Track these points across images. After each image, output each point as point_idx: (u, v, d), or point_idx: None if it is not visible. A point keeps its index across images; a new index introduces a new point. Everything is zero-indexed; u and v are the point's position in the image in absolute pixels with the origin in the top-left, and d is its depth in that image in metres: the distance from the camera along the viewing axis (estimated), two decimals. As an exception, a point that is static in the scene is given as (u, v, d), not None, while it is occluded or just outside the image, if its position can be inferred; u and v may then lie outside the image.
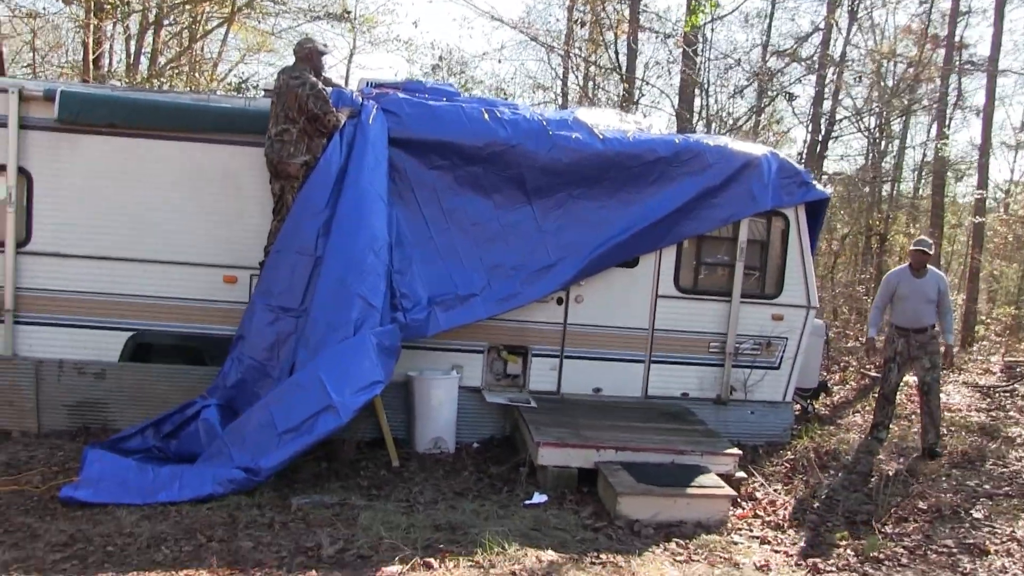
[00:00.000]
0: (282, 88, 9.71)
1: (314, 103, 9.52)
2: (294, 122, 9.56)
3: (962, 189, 29.88)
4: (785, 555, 7.92)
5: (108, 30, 21.25)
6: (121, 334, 10.12)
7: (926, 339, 11.17)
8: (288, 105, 9.58)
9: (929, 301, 11.07)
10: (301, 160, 9.54)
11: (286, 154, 9.51)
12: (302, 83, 9.59)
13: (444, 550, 6.98)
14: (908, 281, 11.16)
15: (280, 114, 9.63)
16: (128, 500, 7.82)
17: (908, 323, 11.16)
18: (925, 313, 11.13)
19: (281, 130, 9.57)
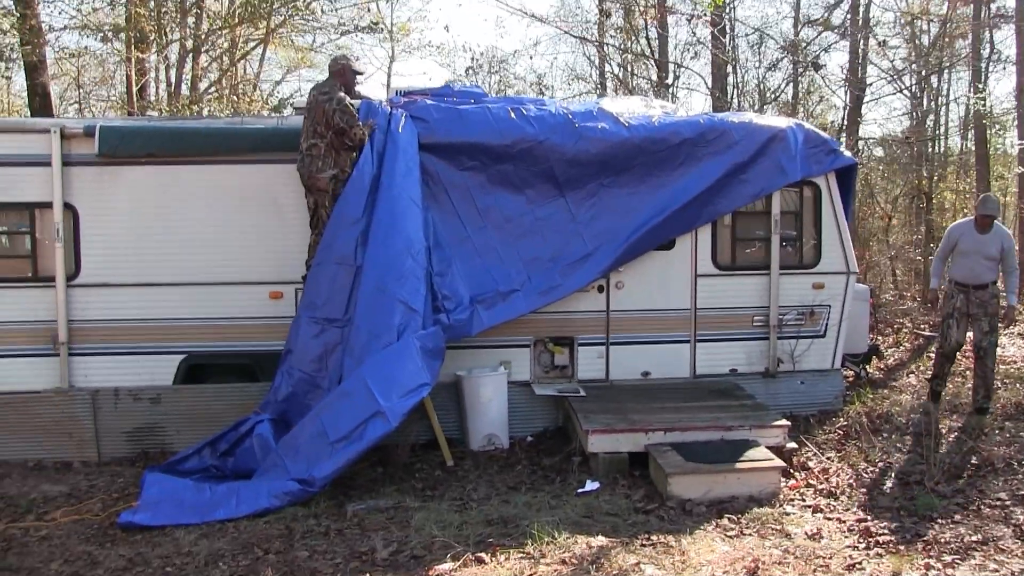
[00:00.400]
0: (312, 103, 9.88)
1: (340, 117, 9.66)
2: (322, 136, 9.71)
3: (1011, 141, 29.49)
4: (838, 521, 7.95)
5: (151, 61, 21.58)
6: (174, 357, 10.37)
7: (987, 297, 10.72)
8: (317, 120, 9.74)
9: (990, 258, 10.63)
10: (330, 174, 9.69)
11: (315, 168, 9.67)
12: (329, 98, 9.74)
13: (495, 544, 7.13)
14: (971, 236, 10.71)
15: (310, 129, 9.80)
16: (186, 520, 8.02)
17: (967, 279, 10.73)
18: (985, 270, 10.69)
19: (310, 145, 9.73)
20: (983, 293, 10.69)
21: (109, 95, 24.80)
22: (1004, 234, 10.72)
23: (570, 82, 28.08)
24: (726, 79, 22.21)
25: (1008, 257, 10.66)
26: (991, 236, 10.59)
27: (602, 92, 25.08)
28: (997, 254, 10.60)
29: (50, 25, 18.90)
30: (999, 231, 10.70)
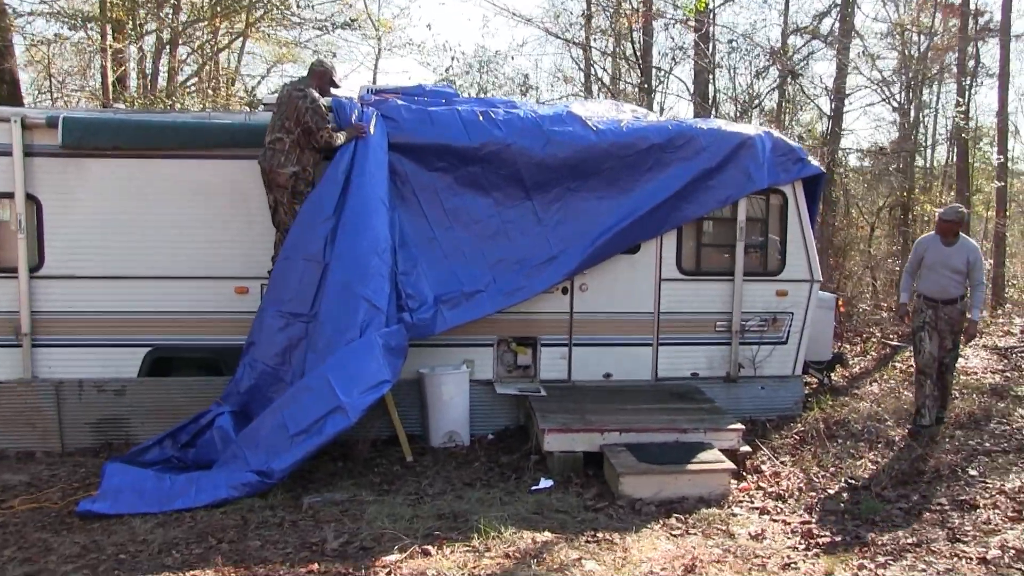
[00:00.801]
0: (284, 98, 9.97)
1: (311, 117, 9.75)
2: (289, 132, 9.79)
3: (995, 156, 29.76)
4: (783, 523, 8.11)
5: (129, 51, 21.60)
6: (138, 350, 10.45)
7: (955, 314, 10.52)
8: (287, 115, 9.82)
9: (956, 271, 10.42)
10: (291, 170, 9.77)
11: (276, 163, 9.75)
12: (304, 96, 9.83)
13: (442, 537, 7.25)
14: (936, 249, 10.55)
15: (277, 123, 9.88)
16: (145, 509, 8.10)
17: (935, 294, 10.57)
18: (952, 284, 10.46)
19: (275, 139, 9.82)
20: (951, 309, 10.51)
21: (85, 86, 24.77)
22: (970, 247, 10.51)
23: (556, 84, 28.31)
24: (707, 85, 22.33)
25: (974, 271, 10.44)
26: (956, 249, 10.44)
27: (588, 95, 25.18)
28: (963, 267, 10.41)
29: (14, 9, 18.85)
30: (965, 244, 10.51)
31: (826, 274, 18.54)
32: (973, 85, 26.11)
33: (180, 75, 23.31)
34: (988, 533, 7.58)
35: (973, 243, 10.66)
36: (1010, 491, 8.56)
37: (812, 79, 24.21)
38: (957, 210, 10.67)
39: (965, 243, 10.52)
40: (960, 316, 10.54)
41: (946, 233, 10.49)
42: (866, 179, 26.10)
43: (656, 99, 23.98)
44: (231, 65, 27.13)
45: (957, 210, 10.67)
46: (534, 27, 25.23)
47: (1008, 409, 11.28)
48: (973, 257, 10.40)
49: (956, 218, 10.49)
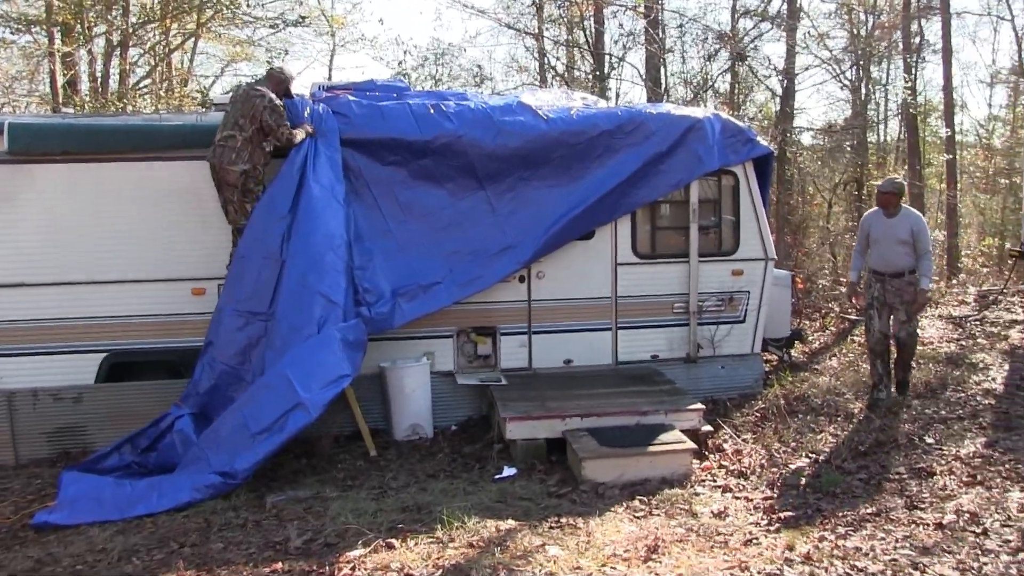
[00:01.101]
0: (242, 96, 9.93)
1: (269, 115, 9.71)
2: (242, 129, 9.72)
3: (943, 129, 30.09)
4: (745, 500, 8.19)
5: (79, 55, 21.42)
6: (95, 356, 10.35)
7: (902, 285, 10.51)
8: (242, 113, 9.75)
9: (901, 243, 10.43)
10: (241, 168, 9.69)
11: (227, 160, 9.68)
12: (261, 95, 9.80)
13: (406, 530, 7.26)
14: (880, 222, 10.66)
15: (230, 120, 9.81)
16: (105, 517, 8.01)
17: (882, 267, 10.66)
18: (898, 256, 10.49)
19: (227, 136, 9.75)
20: (899, 281, 10.52)
21: (33, 90, 24.55)
22: (913, 216, 10.56)
23: (511, 74, 28.38)
24: (659, 70, 22.42)
25: (919, 240, 10.40)
26: (899, 219, 10.48)
27: (543, 84, 25.23)
28: (908, 237, 10.39)
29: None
30: (907, 214, 10.58)
31: (784, 252, 18.74)
32: (919, 61, 26.41)
33: (132, 77, 23.14)
34: (944, 499, 7.69)
35: (916, 213, 10.75)
36: (965, 456, 8.70)
37: (762, 61, 24.27)
38: (893, 181, 10.83)
39: (908, 213, 10.59)
40: (909, 288, 10.50)
41: (886, 205, 10.59)
42: (820, 156, 26.28)
43: (610, 86, 24.05)
44: (184, 66, 26.93)
45: (893, 181, 10.83)
46: (487, 18, 25.28)
47: (963, 377, 11.40)
48: (916, 226, 10.42)
49: (892, 189, 10.62)
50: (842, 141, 25.41)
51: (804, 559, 6.47)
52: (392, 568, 6.44)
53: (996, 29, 45.03)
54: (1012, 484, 7.90)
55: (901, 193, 10.79)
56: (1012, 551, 6.47)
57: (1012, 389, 10.87)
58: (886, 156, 27.94)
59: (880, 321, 10.77)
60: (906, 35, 25.36)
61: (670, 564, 6.48)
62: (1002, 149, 32.24)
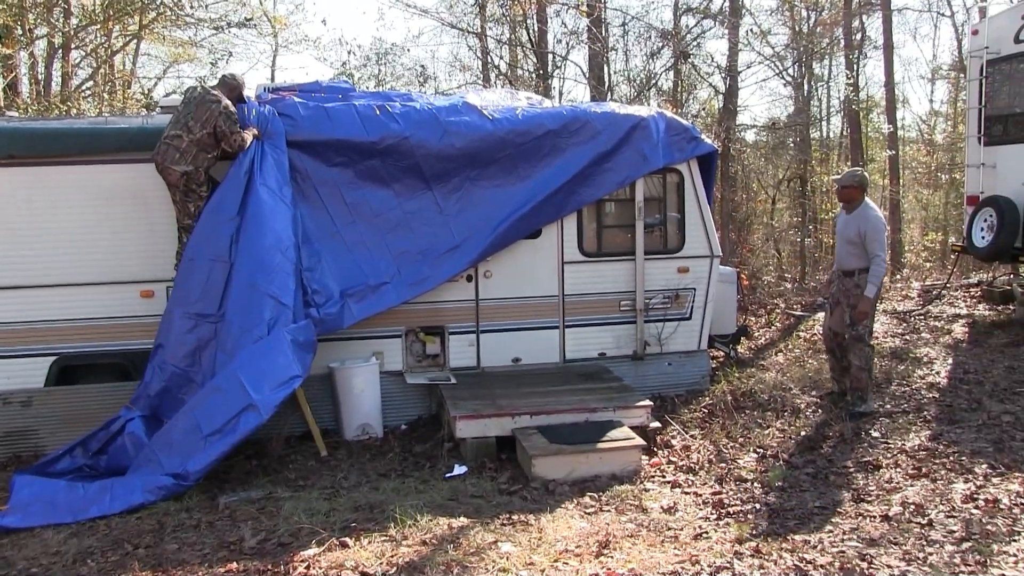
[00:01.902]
0: (197, 99, 9.93)
1: (224, 121, 9.73)
2: (190, 131, 9.72)
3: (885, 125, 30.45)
4: (695, 495, 8.32)
5: (20, 57, 21.27)
6: (44, 359, 10.33)
7: (849, 285, 10.28)
8: (195, 116, 9.76)
9: (850, 242, 10.22)
10: (183, 169, 9.68)
11: (170, 159, 9.67)
12: (217, 101, 9.83)
13: (359, 528, 7.32)
14: (841, 218, 10.58)
15: (180, 121, 9.81)
16: (58, 519, 8.02)
17: (837, 264, 10.61)
18: (847, 255, 10.32)
19: (173, 135, 9.74)
20: (848, 281, 10.30)
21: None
22: (863, 216, 10.15)
23: (454, 73, 28.46)
24: (602, 69, 22.55)
25: (867, 242, 10.01)
26: (852, 218, 10.25)
27: (486, 83, 25.30)
28: (856, 238, 10.12)
29: None
30: (862, 212, 10.21)
31: (729, 248, 18.90)
32: (861, 58, 26.70)
33: (74, 79, 22.98)
34: (890, 491, 7.87)
35: (873, 212, 10.27)
36: (910, 450, 8.89)
37: (705, 58, 24.48)
38: (851, 173, 10.58)
39: (863, 211, 10.23)
40: (856, 290, 10.21)
41: (841, 199, 10.57)
42: (764, 153, 26.54)
43: (553, 84, 24.15)
44: (127, 67, 26.78)
45: (851, 173, 10.58)
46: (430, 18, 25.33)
47: (907, 371, 11.61)
48: (864, 227, 10.05)
49: (846, 182, 10.44)
50: (785, 138, 25.69)
51: (754, 552, 6.58)
52: (347, 567, 6.49)
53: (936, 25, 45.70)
54: (956, 476, 8.06)
55: (858, 186, 10.38)
56: (956, 541, 6.60)
57: (956, 383, 11.05)
58: (829, 152, 28.29)
59: (830, 317, 10.74)
60: (848, 31, 25.68)
61: (621, 559, 6.56)
62: (944, 144, 32.76)
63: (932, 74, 35.44)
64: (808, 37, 25.02)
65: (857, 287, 10.17)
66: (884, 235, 10.06)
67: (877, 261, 9.99)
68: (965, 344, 12.89)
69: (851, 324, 10.25)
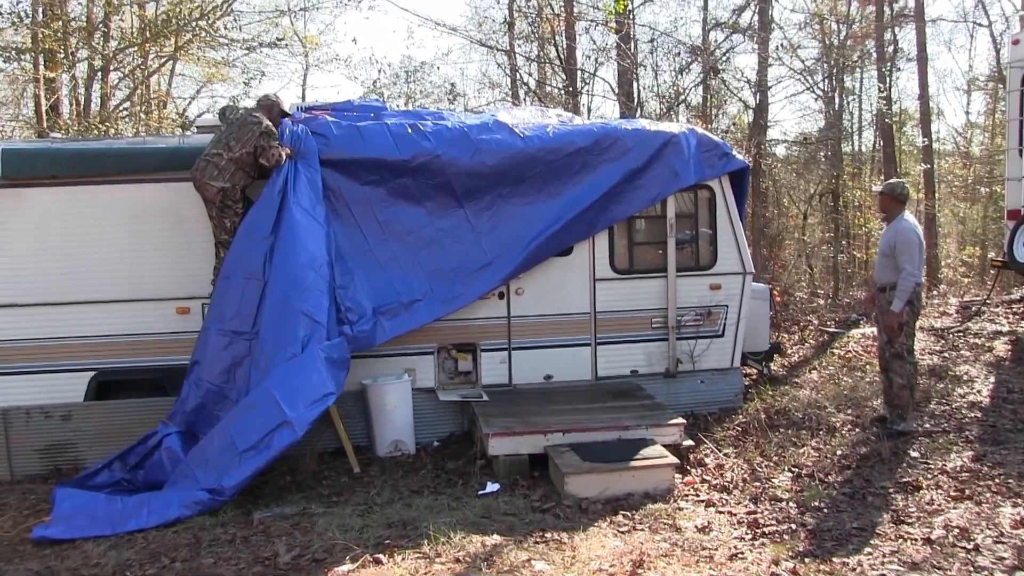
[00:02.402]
0: (239, 120, 10.16)
1: (264, 139, 9.94)
2: (229, 149, 9.92)
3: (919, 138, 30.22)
4: (729, 515, 8.26)
5: (61, 79, 21.54)
6: (84, 375, 10.50)
7: (883, 301, 10.04)
8: (236, 135, 9.99)
9: (883, 254, 10.06)
10: (219, 186, 9.87)
11: (208, 175, 9.87)
12: (258, 122, 10.04)
13: (393, 545, 7.35)
14: (883, 232, 10.44)
15: (222, 140, 10.03)
16: (99, 532, 8.15)
17: (874, 278, 10.47)
18: (881, 268, 10.13)
19: (214, 153, 9.95)
20: (882, 297, 10.07)
21: (19, 115, 24.71)
22: (897, 228, 9.89)
23: (483, 90, 28.55)
24: (631, 85, 22.57)
25: (898, 255, 9.77)
26: (888, 229, 10.08)
27: (515, 100, 25.36)
28: (888, 250, 9.91)
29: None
30: (896, 225, 9.95)
31: (761, 264, 18.83)
32: (893, 70, 26.52)
33: (112, 100, 23.24)
34: (932, 513, 7.76)
35: (907, 224, 9.95)
36: (952, 471, 8.78)
37: (735, 73, 24.46)
38: (888, 183, 10.49)
39: (897, 224, 9.95)
40: (888, 305, 9.95)
41: (879, 209, 10.45)
42: (795, 168, 26.43)
43: (582, 101, 24.20)
44: (162, 88, 27.06)
45: (888, 183, 10.49)
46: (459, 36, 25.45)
47: (947, 390, 11.48)
48: (897, 239, 9.81)
49: (884, 190, 10.29)
50: (817, 152, 25.59)
51: (791, 573, 6.58)
52: (381, 583, 6.55)
53: (973, 35, 45.32)
54: (1003, 499, 7.95)
55: (896, 197, 10.12)
56: (1008, 569, 6.51)
57: (999, 402, 10.94)
58: (861, 166, 28.10)
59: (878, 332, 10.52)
60: (879, 44, 25.52)
61: (656, 578, 6.58)
62: (981, 157, 32.42)
63: (968, 85, 35.17)
64: (839, 50, 24.90)
65: (889, 303, 9.95)
66: (916, 248, 9.83)
67: (906, 276, 9.73)
68: (1008, 362, 12.70)
69: (888, 342, 10.13)
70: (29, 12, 19.70)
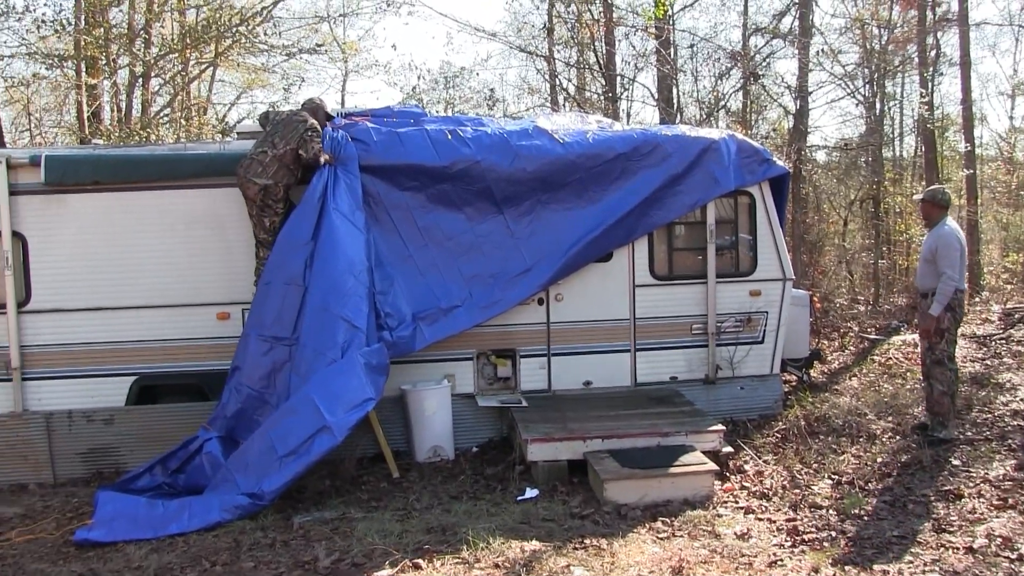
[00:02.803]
0: (283, 118, 10.35)
1: (308, 133, 10.09)
2: (274, 146, 10.07)
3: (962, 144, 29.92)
4: (768, 522, 8.23)
5: (103, 86, 21.74)
6: (125, 379, 10.62)
7: (925, 307, 10.07)
8: (281, 133, 10.14)
9: (926, 260, 10.05)
10: (262, 183, 9.99)
11: (252, 172, 10.00)
12: (303, 120, 10.24)
13: (432, 550, 7.37)
14: (925, 238, 10.42)
15: (268, 139, 10.17)
16: (140, 535, 8.25)
17: (917, 284, 10.52)
18: (923, 274, 10.17)
19: (260, 151, 10.09)
20: (924, 303, 10.09)
21: (61, 121, 24.98)
22: (939, 234, 9.92)
23: (522, 96, 28.59)
24: (671, 90, 22.52)
25: (939, 260, 9.79)
26: (930, 235, 10.11)
27: (554, 105, 25.37)
28: (930, 256, 9.94)
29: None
30: (938, 230, 9.98)
31: (801, 271, 18.73)
32: (936, 75, 26.28)
33: (153, 106, 23.46)
34: (974, 522, 7.70)
35: (949, 229, 9.97)
36: (994, 479, 8.72)
37: (775, 78, 24.37)
38: (931, 189, 10.54)
39: (939, 229, 9.98)
40: (928, 311, 9.96)
41: (921, 216, 10.44)
42: (835, 174, 26.27)
43: (621, 106, 24.15)
44: (202, 94, 27.26)
45: (931, 189, 10.54)
46: (498, 42, 25.51)
47: (989, 397, 11.40)
48: (939, 244, 9.85)
49: (926, 196, 10.34)
50: (857, 158, 25.43)
51: (831, 581, 6.55)
52: (420, 588, 6.57)
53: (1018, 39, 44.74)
54: (1049, 509, 7.86)
55: (937, 203, 10.18)
56: (1053, 579, 6.44)
57: (1044, 410, 10.80)
58: (903, 172, 27.90)
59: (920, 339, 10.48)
60: (921, 48, 25.27)
61: (695, 585, 6.57)
62: (1025, 162, 32.05)
63: (1013, 90, 34.71)
64: (880, 55, 24.72)
65: (929, 308, 9.94)
66: (957, 253, 9.83)
67: (946, 280, 9.72)
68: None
69: (929, 348, 10.05)
70: (72, 20, 19.91)
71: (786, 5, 24.49)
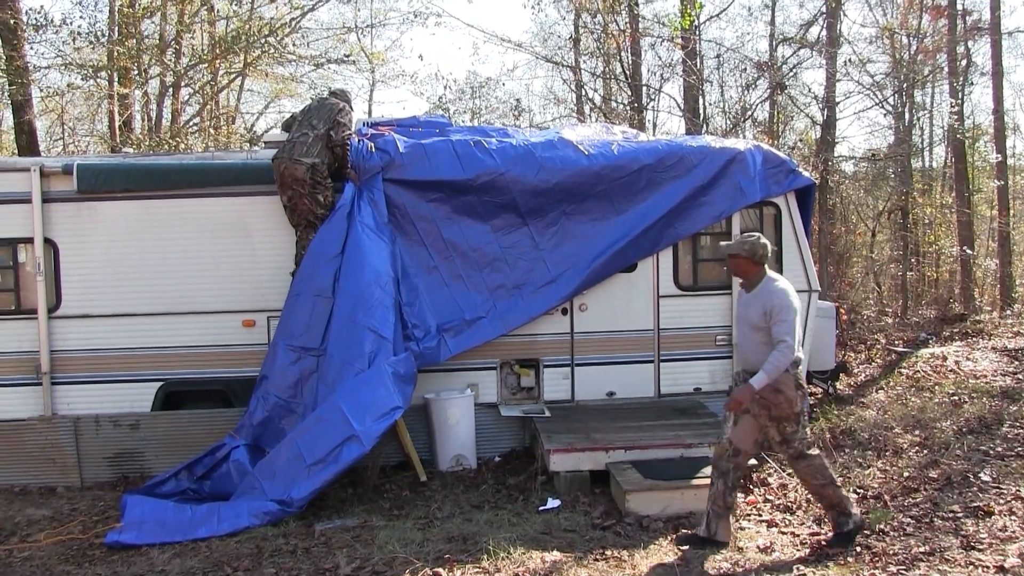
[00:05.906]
0: (315, 105, 10.68)
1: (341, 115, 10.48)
2: (314, 128, 10.25)
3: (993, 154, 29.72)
4: (791, 535, 8.19)
5: (134, 96, 21.97)
6: (152, 385, 10.75)
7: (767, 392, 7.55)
8: (317, 115, 10.43)
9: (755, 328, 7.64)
10: (309, 162, 10.08)
11: (297, 153, 10.10)
12: (336, 102, 10.62)
13: (452, 560, 7.40)
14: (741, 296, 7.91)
15: (305, 122, 10.39)
16: (169, 539, 8.39)
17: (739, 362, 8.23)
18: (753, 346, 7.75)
19: (300, 134, 10.25)
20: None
21: (93, 130, 25.24)
22: (769, 291, 7.52)
23: (548, 106, 28.65)
24: (697, 101, 22.50)
25: (773, 324, 7.41)
26: (755, 295, 7.64)
27: (580, 115, 25.39)
28: (761, 322, 7.50)
29: (35, 64, 19.27)
30: (764, 288, 7.58)
31: (828, 282, 18.64)
32: (966, 84, 26.12)
33: (183, 116, 23.70)
34: (1005, 540, 7.53)
35: (783, 287, 7.59)
36: (1025, 496, 8.57)
37: (802, 88, 24.31)
38: (743, 240, 7.77)
39: (766, 286, 7.59)
40: (775, 395, 7.57)
41: (738, 275, 8.11)
42: (863, 184, 26.16)
43: (647, 116, 24.16)
44: (231, 103, 27.47)
45: (743, 240, 7.77)
46: (524, 52, 25.59)
47: (1020, 412, 11.21)
48: (773, 303, 7.45)
49: (739, 251, 7.71)
50: (885, 168, 25.33)
51: (854, 597, 6.51)
52: (440, 597, 6.59)
53: (1053, 47, 44.34)
54: (1081, 527, 7.73)
55: (756, 260, 7.66)
56: (1087, 601, 6.30)
57: (1077, 426, 10.67)
58: (932, 183, 27.77)
59: (732, 428, 7.93)
60: (952, 58, 25.12)
61: (716, 598, 6.55)
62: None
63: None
64: (909, 65, 24.60)
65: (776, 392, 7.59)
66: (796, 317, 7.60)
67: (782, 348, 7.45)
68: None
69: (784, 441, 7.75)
70: (106, 31, 20.17)
71: (814, 15, 24.46)
